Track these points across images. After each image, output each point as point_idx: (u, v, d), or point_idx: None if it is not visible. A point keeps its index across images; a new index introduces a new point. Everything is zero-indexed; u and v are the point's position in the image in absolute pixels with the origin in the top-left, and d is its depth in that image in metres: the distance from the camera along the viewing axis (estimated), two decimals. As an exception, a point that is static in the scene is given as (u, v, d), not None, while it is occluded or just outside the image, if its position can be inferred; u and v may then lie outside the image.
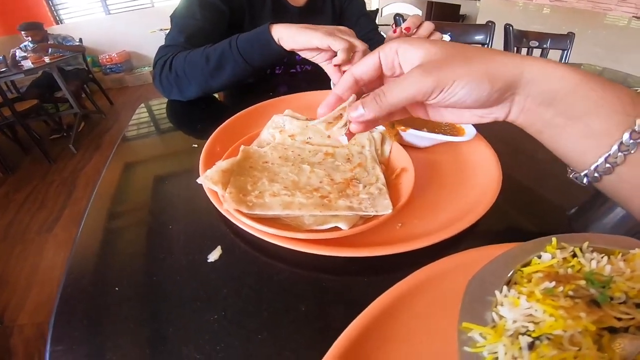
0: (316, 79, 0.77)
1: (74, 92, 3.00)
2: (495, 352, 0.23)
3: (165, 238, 0.40)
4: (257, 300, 0.32)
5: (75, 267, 0.37)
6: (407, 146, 0.53)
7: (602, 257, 0.28)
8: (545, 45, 1.75)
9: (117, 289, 0.34)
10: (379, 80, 0.36)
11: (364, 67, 0.35)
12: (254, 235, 0.36)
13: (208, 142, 0.52)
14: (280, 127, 0.55)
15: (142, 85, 4.24)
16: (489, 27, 1.78)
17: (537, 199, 0.49)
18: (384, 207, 0.37)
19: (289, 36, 0.62)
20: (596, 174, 0.31)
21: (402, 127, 0.50)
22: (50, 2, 4.11)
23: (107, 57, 4.20)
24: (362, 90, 0.36)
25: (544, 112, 0.31)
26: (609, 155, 0.29)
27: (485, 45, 1.69)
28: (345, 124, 0.33)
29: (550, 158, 0.34)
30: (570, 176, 0.33)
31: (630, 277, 0.26)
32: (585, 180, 0.32)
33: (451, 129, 0.55)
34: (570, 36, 1.73)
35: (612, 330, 0.24)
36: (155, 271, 0.36)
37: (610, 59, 2.53)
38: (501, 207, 0.43)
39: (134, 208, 0.46)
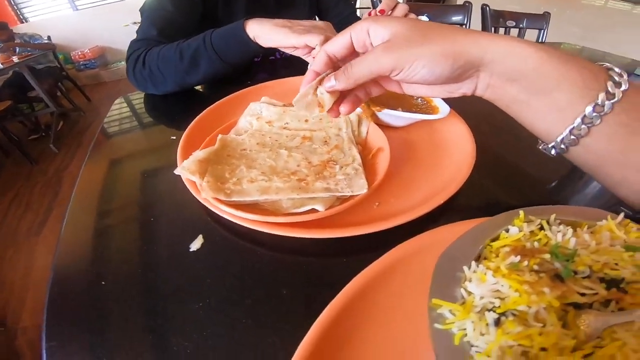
0: (295, 65, 0.76)
1: (47, 91, 2.91)
2: (465, 329, 0.23)
3: (147, 230, 0.40)
4: (240, 287, 0.33)
5: (61, 265, 0.37)
6: (384, 126, 0.54)
7: (568, 230, 0.28)
8: (521, 25, 1.76)
9: (103, 283, 0.35)
10: (354, 56, 0.36)
11: (336, 45, 0.36)
12: (234, 222, 0.36)
13: (185, 134, 0.52)
14: (258, 114, 0.55)
15: (119, 80, 4.12)
16: (466, 7, 1.78)
17: (514, 172, 0.50)
18: (360, 187, 0.37)
19: (264, 34, 0.62)
20: (562, 146, 0.32)
21: (377, 108, 0.51)
22: (12, 1, 3.92)
23: (79, 53, 4.05)
24: (338, 66, 0.36)
25: (509, 88, 0.32)
26: (574, 127, 0.30)
27: (463, 26, 1.69)
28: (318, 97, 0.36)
29: (527, 132, 0.35)
30: (540, 147, 0.35)
31: (595, 249, 0.26)
32: (553, 151, 0.33)
33: (426, 108, 0.56)
34: (546, 16, 1.74)
35: (578, 306, 0.24)
36: (139, 263, 0.36)
37: (588, 38, 2.56)
38: (478, 182, 0.44)
39: (114, 203, 0.46)
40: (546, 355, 0.21)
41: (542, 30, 1.75)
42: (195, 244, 0.37)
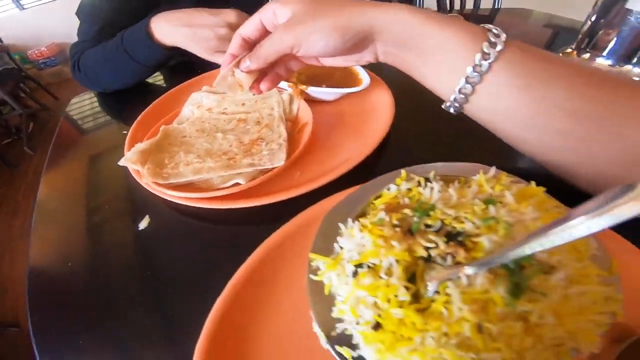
0: None
1: (9, 93, 2.83)
2: (332, 279, 0.27)
3: (102, 215, 0.46)
4: (181, 254, 0.39)
5: (36, 256, 0.43)
6: (318, 102, 0.59)
7: (436, 185, 0.30)
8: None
9: (69, 264, 0.41)
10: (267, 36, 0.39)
11: (249, 29, 0.40)
12: (173, 202, 0.42)
13: (132, 128, 0.57)
14: (199, 102, 0.59)
15: (85, 74, 4.00)
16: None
17: (430, 131, 0.56)
18: (279, 160, 0.43)
19: (166, 36, 0.63)
20: (456, 104, 0.35)
21: (304, 86, 0.55)
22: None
23: (36, 52, 3.87)
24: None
25: (403, 55, 0.35)
26: (460, 87, 0.33)
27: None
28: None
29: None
30: (443, 107, 0.37)
31: (455, 204, 0.28)
32: (452, 109, 0.36)
33: (352, 81, 0.60)
34: None
35: (430, 260, 0.25)
36: (98, 243, 0.43)
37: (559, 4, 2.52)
38: (398, 144, 0.50)
39: (74, 195, 0.51)
40: (389, 306, 0.23)
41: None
42: (143, 223, 0.42)
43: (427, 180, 0.33)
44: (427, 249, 0.25)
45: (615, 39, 0.72)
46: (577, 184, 0.34)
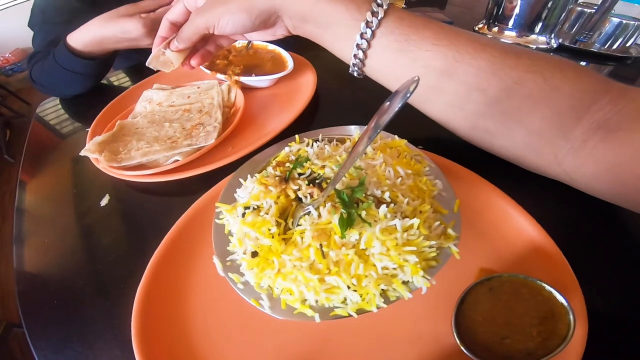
0: None
1: (-20, 103, 2.81)
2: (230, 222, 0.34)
3: (72, 198, 0.55)
4: (133, 221, 0.49)
5: (19, 240, 0.52)
6: (255, 89, 0.68)
7: (315, 144, 0.39)
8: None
9: (46, 240, 0.50)
10: None
11: (174, 14, 0.47)
12: (127, 180, 0.52)
13: (92, 125, 0.65)
14: (150, 99, 0.68)
15: (56, 78, 3.94)
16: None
17: (347, 100, 0.67)
18: (212, 139, 0.53)
19: (91, 44, 0.68)
20: (356, 68, 0.40)
21: (236, 78, 0.65)
22: None
23: (1, 59, 3.79)
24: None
25: (306, 27, 0.40)
26: (355, 53, 0.38)
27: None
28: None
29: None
30: (350, 71, 0.42)
31: (327, 157, 0.36)
32: (355, 73, 0.41)
33: (280, 68, 0.70)
34: None
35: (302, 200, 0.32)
36: (71, 221, 0.51)
37: None
38: (322, 111, 0.60)
39: (48, 188, 0.60)
40: (263, 237, 0.30)
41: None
42: (104, 201, 0.52)
43: (316, 141, 0.41)
44: (295, 191, 0.33)
45: (517, 9, 0.83)
46: (461, 136, 0.42)
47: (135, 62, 1.09)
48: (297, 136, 0.44)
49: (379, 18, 0.35)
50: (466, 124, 0.39)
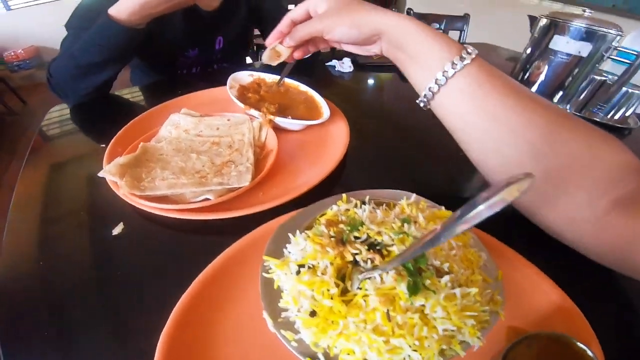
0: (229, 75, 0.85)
1: (-24, 94, 2.74)
2: (280, 277, 0.34)
3: (78, 222, 0.50)
4: (150, 259, 0.44)
5: (6, 260, 0.46)
6: (286, 131, 0.67)
7: (367, 207, 0.39)
8: (441, 27, 1.96)
9: (41, 263, 0.44)
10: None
11: (296, 14, 0.53)
12: (147, 211, 0.47)
13: (112, 142, 0.61)
14: (176, 123, 0.66)
15: (58, 81, 3.91)
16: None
17: (377, 160, 0.66)
18: (245, 181, 0.50)
19: (133, 12, 0.70)
20: (425, 99, 0.44)
21: (272, 116, 0.63)
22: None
23: (12, 54, 3.77)
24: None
25: (398, 53, 0.46)
26: (430, 86, 0.42)
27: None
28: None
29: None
30: (417, 101, 0.46)
31: (380, 221, 0.36)
32: (421, 104, 0.45)
33: (313, 113, 0.69)
34: (466, 17, 1.96)
35: (357, 264, 0.32)
36: (71, 247, 0.46)
37: (509, 39, 2.76)
38: (351, 170, 0.59)
39: (51, 203, 0.54)
40: (322, 298, 0.30)
41: (462, 32, 1.96)
42: (117, 230, 0.47)
43: (363, 202, 0.41)
44: (354, 254, 0.33)
45: (542, 76, 0.86)
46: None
47: (152, 80, 1.08)
48: (344, 195, 0.43)
49: (464, 63, 0.39)
50: (502, 170, 0.42)
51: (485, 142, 0.42)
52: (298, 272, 0.33)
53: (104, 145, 0.64)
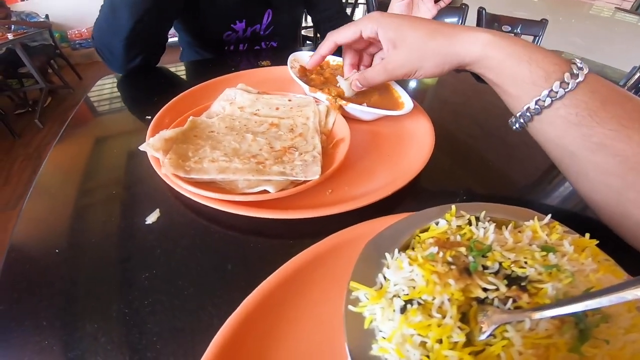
0: (280, 56, 0.77)
1: (39, 68, 2.89)
2: (376, 313, 0.24)
3: (108, 203, 0.41)
4: (188, 259, 0.34)
5: (21, 232, 0.38)
6: (353, 119, 0.56)
7: (491, 226, 0.29)
8: (517, 30, 1.77)
9: (57, 251, 0.35)
10: (360, 42, 0.52)
11: (344, 37, 0.49)
12: (190, 198, 0.38)
13: (158, 114, 0.53)
14: (231, 99, 0.56)
15: (113, 60, 4.09)
16: (462, 9, 1.81)
17: (474, 167, 0.53)
18: (313, 173, 0.39)
19: None
20: (522, 121, 0.39)
21: (344, 102, 0.52)
22: (10, -21, 3.83)
23: (76, 32, 4.01)
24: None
25: (483, 76, 0.42)
26: (521, 113, 0.38)
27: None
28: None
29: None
30: (509, 122, 0.42)
31: (511, 247, 0.27)
32: (516, 125, 0.40)
33: (392, 103, 0.57)
34: (543, 23, 1.76)
35: (483, 302, 0.24)
36: (95, 233, 0.37)
37: (590, 48, 2.56)
38: (435, 175, 0.47)
39: (81, 177, 0.47)
40: (440, 348, 0.21)
41: (538, 37, 1.77)
42: (152, 217, 0.38)
43: (477, 219, 0.31)
44: (485, 290, 0.24)
45: None
46: (610, 225, 0.37)
47: (201, 57, 1.03)
48: (453, 206, 0.31)
49: (566, 90, 0.34)
50: (618, 211, 0.35)
51: (593, 175, 0.36)
52: (404, 310, 0.24)
53: (149, 117, 0.56)
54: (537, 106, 0.36)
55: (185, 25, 0.97)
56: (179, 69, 0.87)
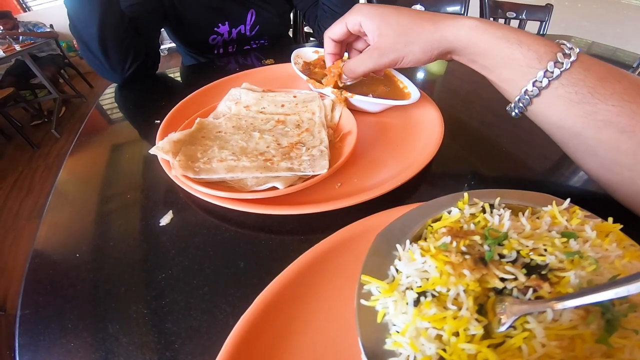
0: (271, 53, 0.77)
1: (50, 78, 2.95)
2: (388, 307, 0.23)
3: (123, 206, 0.42)
4: (202, 259, 0.35)
5: (43, 239, 0.39)
6: (360, 111, 0.55)
7: (506, 213, 0.27)
8: (522, 16, 1.72)
9: (77, 255, 0.37)
10: (351, 36, 0.51)
11: (334, 33, 0.50)
12: (201, 199, 0.38)
13: (167, 117, 0.54)
14: (237, 99, 0.57)
15: (122, 67, 4.16)
16: (464, -4, 1.76)
17: (484, 157, 0.51)
18: (321, 167, 0.39)
19: None
20: (520, 105, 0.38)
21: (349, 94, 0.52)
22: (14, -11, 3.94)
23: (82, 41, 4.09)
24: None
25: (473, 65, 0.41)
26: (520, 98, 0.37)
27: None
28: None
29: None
30: (507, 109, 0.41)
31: (529, 234, 0.26)
32: (516, 110, 0.40)
33: (398, 94, 0.57)
34: (548, 8, 1.69)
35: (500, 292, 0.23)
36: (112, 236, 0.38)
37: (598, 31, 2.47)
38: (446, 161, 0.47)
39: (96, 181, 0.48)
40: (457, 341, 0.21)
41: (544, 22, 1.71)
42: (165, 219, 0.39)
43: (491, 206, 0.29)
44: (502, 280, 0.23)
45: None
46: (624, 204, 0.36)
47: (196, 62, 1.05)
48: (466, 194, 0.30)
49: (561, 69, 0.33)
50: (633, 188, 0.34)
51: (604, 153, 0.35)
52: (417, 303, 0.23)
53: (158, 122, 0.57)
54: (534, 87, 0.35)
55: (172, 31, 0.99)
56: (184, 73, 0.88)
